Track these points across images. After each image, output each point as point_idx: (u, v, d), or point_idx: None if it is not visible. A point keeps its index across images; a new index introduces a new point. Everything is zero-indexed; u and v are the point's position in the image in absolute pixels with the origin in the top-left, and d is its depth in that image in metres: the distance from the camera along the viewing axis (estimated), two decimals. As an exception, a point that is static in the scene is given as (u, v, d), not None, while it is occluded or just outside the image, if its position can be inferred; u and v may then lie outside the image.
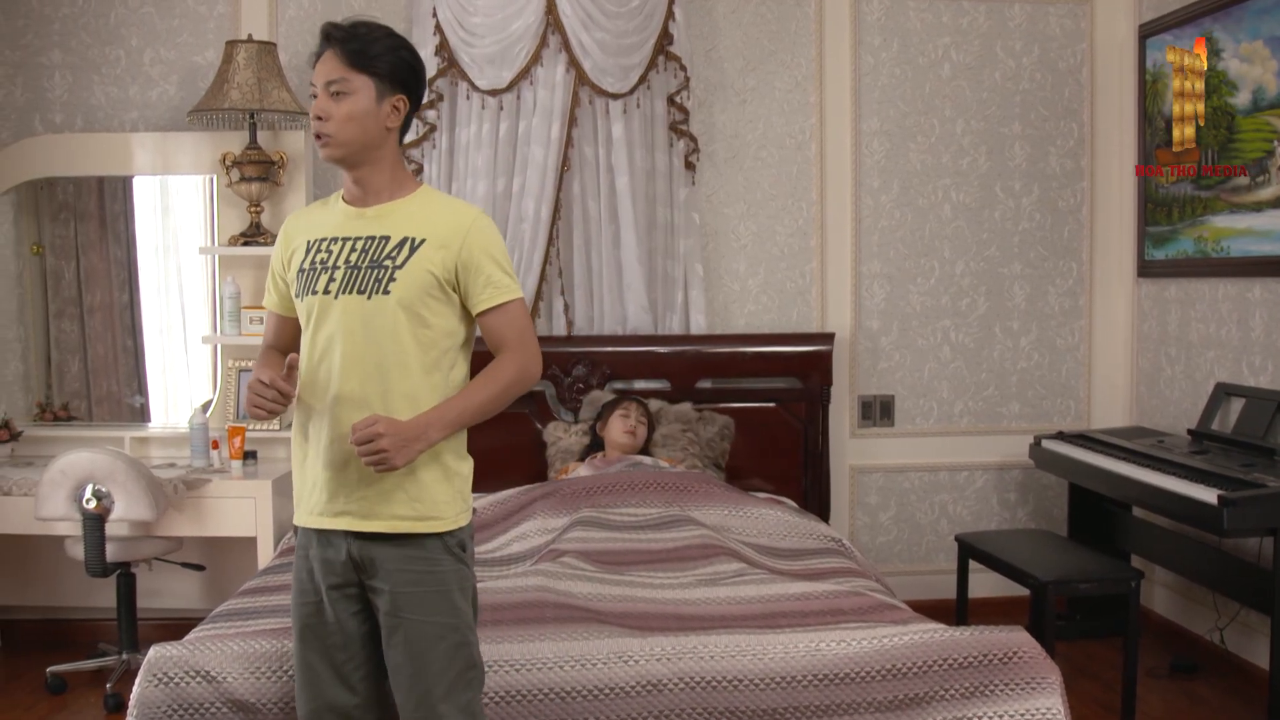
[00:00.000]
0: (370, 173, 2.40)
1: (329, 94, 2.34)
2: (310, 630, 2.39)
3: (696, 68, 4.78)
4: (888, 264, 4.95)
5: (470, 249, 2.36)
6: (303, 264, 2.42)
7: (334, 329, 2.36)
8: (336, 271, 2.37)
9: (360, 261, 2.36)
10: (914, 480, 5.02)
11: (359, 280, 2.35)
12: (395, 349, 2.34)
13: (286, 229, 2.52)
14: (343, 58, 2.33)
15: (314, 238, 2.43)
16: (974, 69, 4.95)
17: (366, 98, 2.34)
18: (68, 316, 4.70)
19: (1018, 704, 2.60)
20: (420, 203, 2.42)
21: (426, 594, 2.33)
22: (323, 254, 2.40)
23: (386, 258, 2.35)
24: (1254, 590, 3.78)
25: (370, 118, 2.35)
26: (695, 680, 2.59)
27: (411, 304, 2.34)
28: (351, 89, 2.33)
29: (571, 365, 4.65)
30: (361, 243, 2.38)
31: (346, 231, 2.40)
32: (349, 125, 2.34)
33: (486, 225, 2.41)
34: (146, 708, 2.52)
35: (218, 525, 4.08)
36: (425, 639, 2.31)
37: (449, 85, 4.64)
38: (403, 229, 2.37)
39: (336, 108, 2.33)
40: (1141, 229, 4.84)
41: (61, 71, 4.62)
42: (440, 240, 2.35)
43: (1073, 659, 4.35)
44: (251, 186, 4.36)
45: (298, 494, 2.45)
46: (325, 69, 2.35)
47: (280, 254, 2.51)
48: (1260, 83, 4.03)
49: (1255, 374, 4.15)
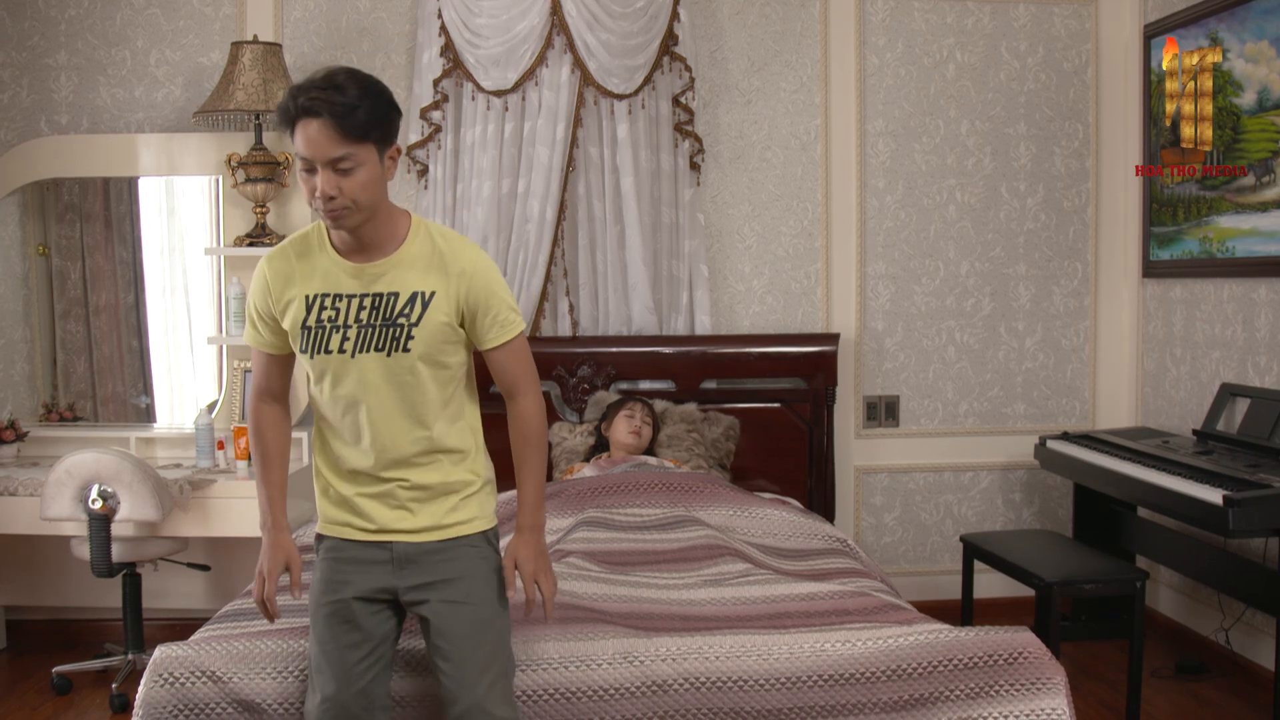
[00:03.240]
0: (372, 227, 2.38)
1: (334, 170, 2.27)
2: (330, 625, 2.44)
3: (701, 68, 4.78)
4: (893, 264, 4.95)
5: (477, 293, 2.41)
6: (306, 321, 2.40)
7: (355, 386, 2.41)
8: (349, 330, 2.38)
9: (373, 320, 2.38)
10: (919, 481, 5.01)
11: (374, 339, 2.38)
12: (420, 396, 2.42)
13: (269, 275, 2.44)
14: (340, 131, 2.25)
15: (312, 292, 2.40)
16: (979, 69, 4.94)
17: (373, 164, 2.31)
18: (73, 317, 4.71)
19: (1023, 704, 2.60)
20: (419, 247, 2.41)
21: (474, 582, 2.46)
22: (329, 311, 2.39)
23: (400, 315, 2.38)
24: (1259, 591, 3.78)
25: (378, 181, 2.34)
26: (700, 681, 2.59)
27: (432, 355, 2.41)
28: (358, 161, 2.28)
29: (576, 366, 4.65)
30: (370, 300, 2.38)
31: (351, 289, 2.39)
32: (362, 195, 2.30)
33: (486, 264, 2.44)
34: (152, 708, 2.53)
35: (223, 526, 4.09)
36: (478, 622, 2.43)
37: (454, 86, 4.65)
38: (410, 284, 2.38)
39: (346, 182, 2.28)
40: (1146, 229, 4.84)
41: (67, 73, 4.63)
42: (448, 290, 2.39)
43: (1078, 660, 4.35)
44: (257, 187, 4.36)
45: (328, 511, 2.52)
46: (322, 146, 2.26)
47: (264, 298, 2.45)
48: (1265, 83, 4.02)
49: (1261, 374, 4.14)
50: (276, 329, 2.47)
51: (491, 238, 4.62)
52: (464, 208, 4.66)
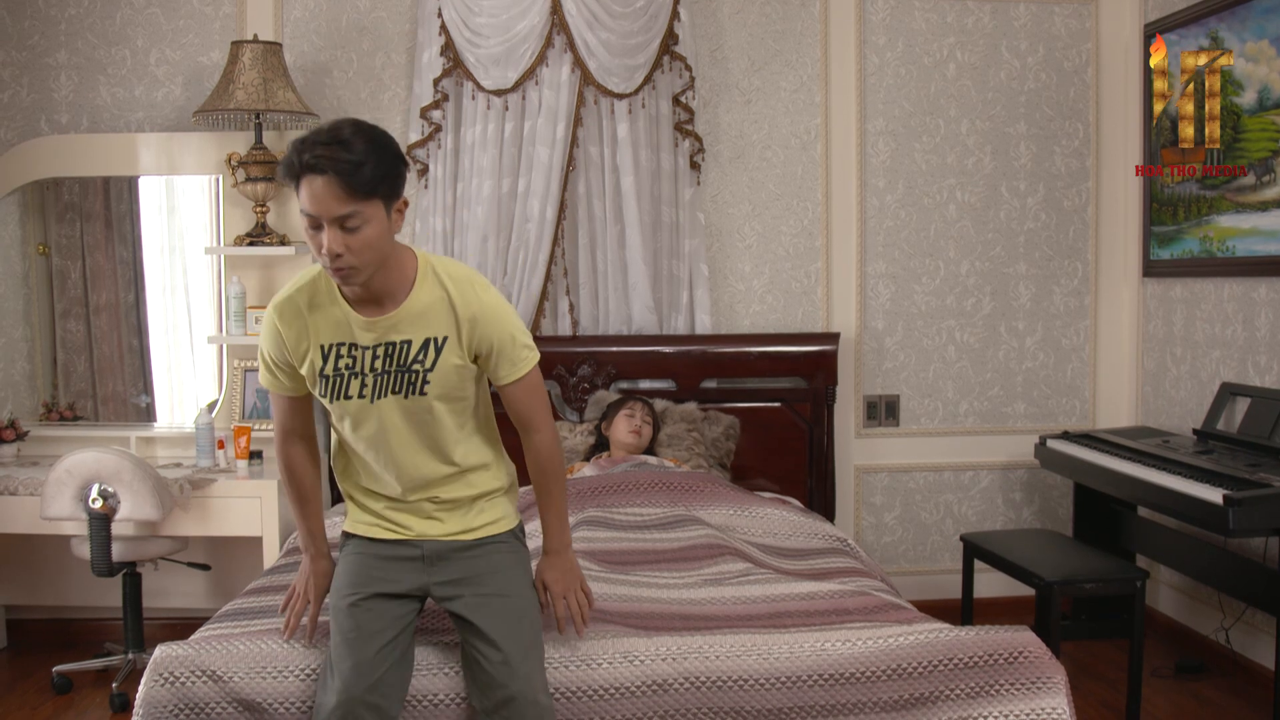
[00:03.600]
0: (381, 276, 2.37)
1: (340, 228, 2.26)
2: (353, 614, 2.49)
3: (701, 68, 4.78)
4: (893, 264, 4.95)
5: (488, 336, 2.44)
6: (324, 370, 2.45)
7: (376, 428, 2.47)
8: (366, 378, 2.43)
9: (388, 367, 2.43)
10: (919, 480, 5.01)
11: (391, 384, 2.43)
12: (439, 430, 2.49)
13: (280, 324, 2.45)
14: (347, 189, 2.23)
15: (327, 342, 2.43)
16: (979, 69, 4.94)
17: (380, 220, 2.30)
18: (73, 316, 4.71)
19: (1023, 704, 2.60)
20: (428, 293, 2.42)
21: (507, 575, 2.56)
22: (345, 359, 2.43)
23: (414, 362, 2.42)
24: (1260, 590, 3.77)
25: (386, 236, 2.33)
26: (701, 680, 2.59)
27: (448, 394, 2.47)
28: (365, 219, 2.27)
29: (577, 365, 4.65)
30: (384, 349, 2.42)
31: (364, 340, 2.42)
32: (369, 252, 2.29)
33: (494, 304, 2.45)
34: (152, 707, 2.52)
35: (223, 525, 4.09)
36: (515, 611, 2.51)
37: (454, 85, 4.64)
38: (422, 330, 2.41)
39: (353, 239, 2.26)
40: (1147, 229, 4.84)
41: (67, 72, 4.63)
42: (458, 335, 2.43)
43: (1078, 659, 4.35)
44: (257, 186, 4.36)
45: (356, 514, 2.62)
46: (328, 203, 2.24)
47: (278, 348, 2.47)
48: (1266, 82, 4.02)
49: (1261, 374, 4.14)
50: (293, 374, 2.51)
51: (491, 237, 4.62)
52: (464, 207, 4.66)
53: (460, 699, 2.54)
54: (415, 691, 2.55)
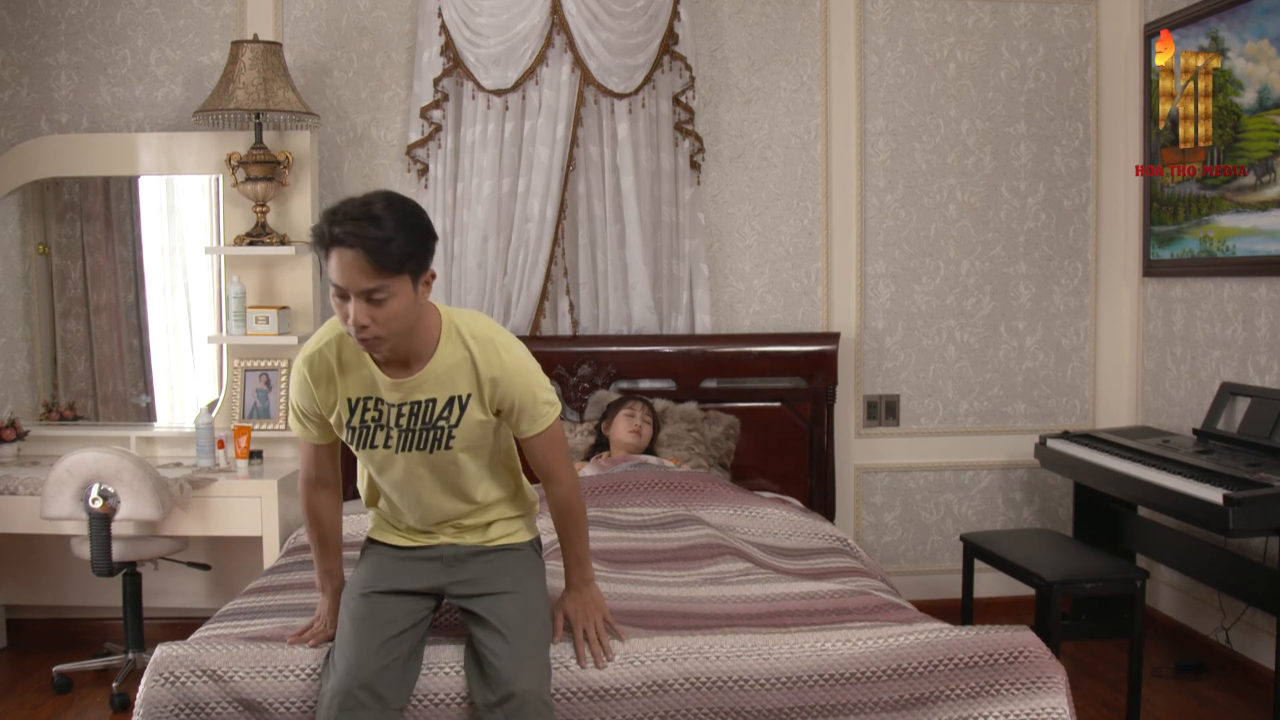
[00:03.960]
0: (406, 342, 2.42)
1: (367, 300, 2.29)
2: (367, 603, 2.55)
3: (701, 67, 4.78)
4: (893, 264, 4.94)
5: (510, 395, 2.50)
6: (350, 421, 2.51)
7: (402, 475, 2.55)
8: (392, 432, 2.49)
9: (413, 424, 2.48)
10: (919, 480, 5.01)
11: (416, 440, 2.50)
12: (463, 478, 2.57)
13: (309, 378, 2.50)
14: (375, 265, 2.26)
15: (354, 396, 2.49)
16: (979, 69, 4.94)
17: (406, 294, 2.33)
18: (73, 316, 4.71)
19: (1023, 704, 2.60)
20: (451, 354, 2.47)
21: (522, 576, 2.63)
22: (371, 413, 2.49)
23: (439, 419, 2.48)
24: (1260, 590, 3.78)
25: (412, 308, 2.36)
26: (701, 680, 2.59)
27: (472, 446, 2.53)
28: (391, 293, 2.30)
29: (577, 365, 4.65)
30: (409, 407, 2.47)
31: (390, 398, 2.47)
32: (394, 323, 2.33)
33: (517, 363, 2.50)
34: (153, 707, 2.52)
35: (223, 525, 4.09)
36: (527, 609, 2.55)
37: (454, 85, 4.64)
38: (446, 389, 2.47)
39: (380, 312, 2.30)
40: (1147, 228, 4.84)
41: (68, 72, 4.63)
42: (481, 393, 2.49)
43: (1078, 659, 4.35)
44: (257, 186, 4.36)
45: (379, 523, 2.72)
46: (355, 277, 2.27)
47: (308, 400, 2.53)
48: (1266, 82, 4.02)
49: (1261, 373, 4.14)
50: (322, 423, 2.57)
51: (491, 237, 4.62)
52: (464, 207, 4.66)
53: (462, 699, 2.54)
54: (421, 691, 2.55)
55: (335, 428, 2.54)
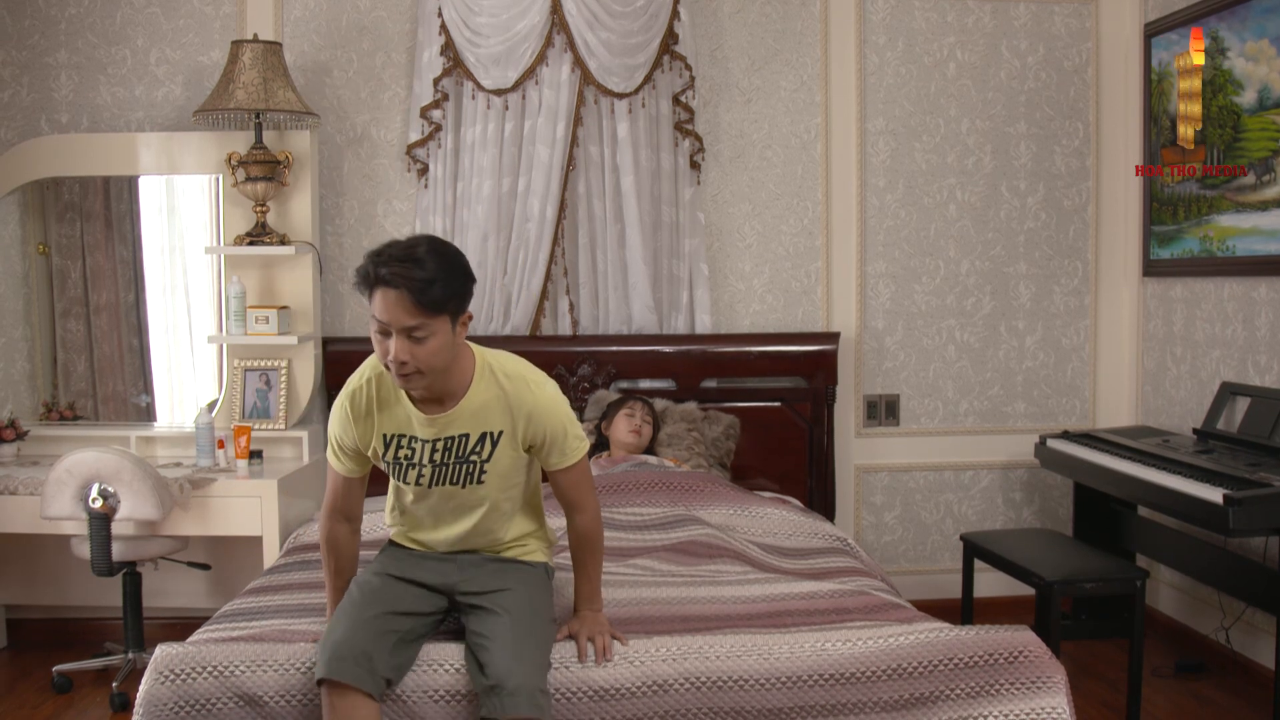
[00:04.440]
0: (443, 379, 2.54)
1: (407, 338, 2.42)
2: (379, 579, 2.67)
3: (701, 67, 4.78)
4: (893, 263, 4.94)
5: (541, 431, 2.61)
6: (385, 456, 2.63)
7: (434, 508, 2.68)
8: (424, 469, 2.61)
9: (446, 459, 2.60)
10: (919, 480, 5.01)
11: (448, 475, 2.62)
12: (493, 510, 2.68)
13: (350, 412, 2.63)
14: (415, 305, 2.39)
15: (390, 432, 2.61)
16: (979, 68, 4.94)
17: (445, 334, 2.46)
18: (73, 316, 4.71)
19: (1023, 703, 2.60)
20: (485, 392, 2.58)
21: (529, 584, 2.70)
22: (405, 450, 2.61)
23: (472, 454, 2.60)
24: (1260, 590, 3.78)
25: (449, 347, 2.48)
26: (700, 680, 2.59)
27: (503, 483, 2.65)
28: (431, 331, 2.43)
29: (577, 365, 4.65)
30: (442, 443, 2.59)
31: (424, 434, 2.59)
32: (434, 360, 2.46)
33: (548, 401, 2.62)
34: (153, 705, 2.52)
35: (223, 525, 4.08)
36: (530, 609, 2.61)
37: (454, 85, 4.64)
38: (480, 425, 2.58)
39: (419, 349, 2.43)
40: (1147, 228, 4.84)
41: (68, 71, 4.63)
42: (513, 430, 2.60)
43: (1078, 659, 4.35)
44: (257, 186, 4.36)
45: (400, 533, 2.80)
46: (396, 313, 2.40)
47: (349, 434, 2.64)
48: (1266, 82, 4.02)
49: (1261, 373, 4.14)
50: (357, 456, 2.68)
51: (491, 236, 4.62)
52: (464, 206, 4.66)
53: (460, 696, 2.54)
54: (420, 686, 2.55)
55: (373, 459, 2.66)
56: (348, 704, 2.42)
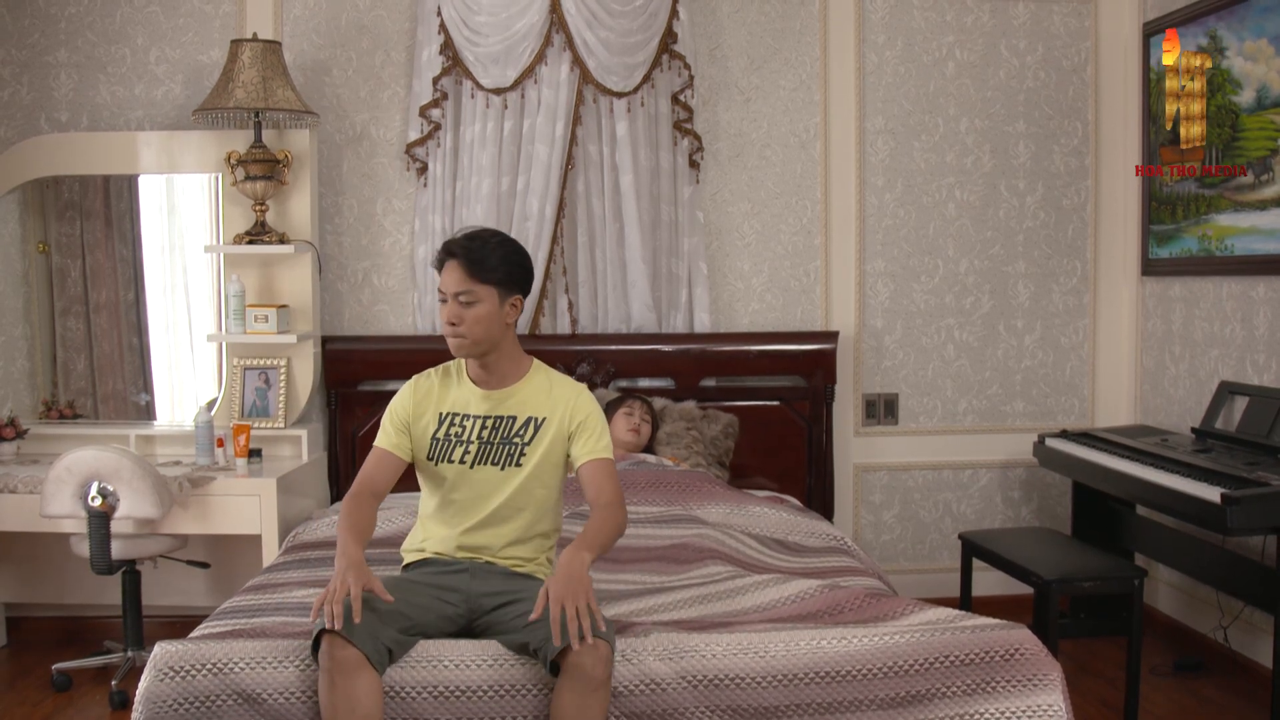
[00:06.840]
0: (495, 359, 2.82)
1: (458, 302, 2.73)
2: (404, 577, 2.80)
3: (700, 66, 4.79)
4: (892, 262, 4.95)
5: (578, 416, 2.82)
6: (436, 433, 2.84)
7: (471, 494, 2.83)
8: (471, 446, 2.82)
9: (492, 438, 2.82)
10: (918, 479, 5.02)
11: (492, 454, 2.81)
12: (527, 500, 2.83)
13: (415, 391, 2.89)
14: (465, 271, 2.73)
15: (445, 410, 2.86)
16: (978, 67, 4.94)
17: (491, 303, 2.74)
18: (73, 314, 4.71)
19: (1020, 701, 2.60)
20: (536, 383, 2.86)
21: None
22: (456, 427, 2.83)
23: (515, 435, 2.82)
24: (1258, 589, 3.78)
25: (494, 318, 2.76)
26: (697, 678, 2.59)
27: (539, 470, 2.82)
28: (477, 298, 2.73)
29: (576, 364, 4.65)
30: (491, 421, 2.83)
31: (476, 410, 2.84)
32: (477, 327, 2.74)
33: (588, 399, 2.87)
34: (153, 702, 2.52)
35: (223, 523, 4.09)
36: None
37: (453, 84, 4.65)
38: (527, 409, 2.83)
39: (467, 313, 2.73)
40: (1145, 227, 4.84)
41: (67, 70, 4.64)
42: (558, 416, 2.82)
43: (1076, 657, 4.35)
44: (256, 185, 4.36)
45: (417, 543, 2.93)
46: (451, 280, 2.74)
47: (407, 408, 2.87)
48: (1264, 81, 4.02)
49: (1259, 372, 4.15)
50: (405, 433, 2.86)
51: (491, 235, 4.63)
52: (463, 205, 4.67)
53: (460, 693, 2.55)
54: (420, 683, 2.56)
55: (418, 447, 2.84)
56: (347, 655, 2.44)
